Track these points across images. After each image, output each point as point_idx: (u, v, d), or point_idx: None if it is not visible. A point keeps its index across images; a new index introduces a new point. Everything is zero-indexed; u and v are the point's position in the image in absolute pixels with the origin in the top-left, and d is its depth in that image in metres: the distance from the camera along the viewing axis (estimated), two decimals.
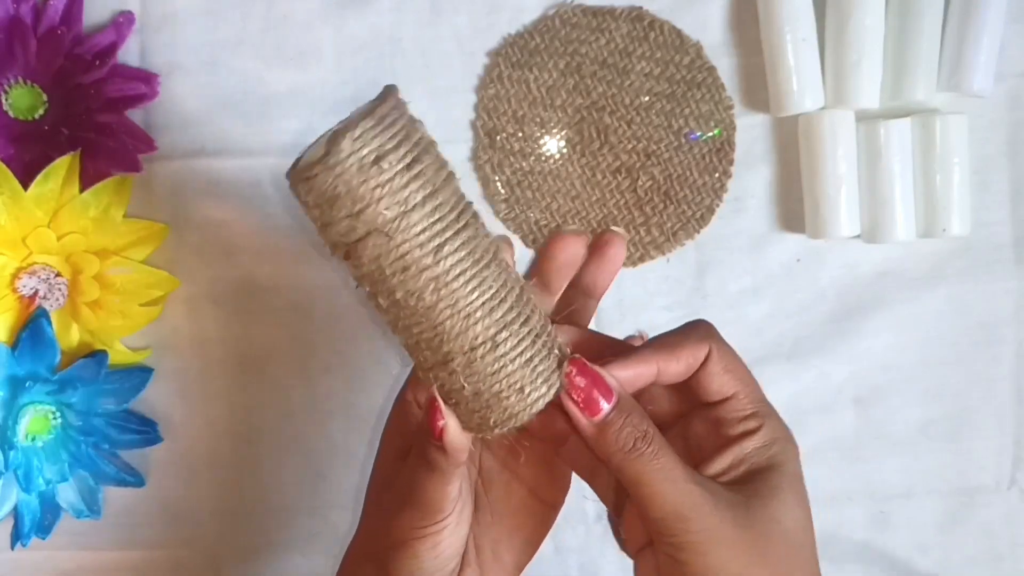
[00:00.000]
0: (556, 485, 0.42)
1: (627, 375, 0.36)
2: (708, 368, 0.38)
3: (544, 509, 0.42)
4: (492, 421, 0.35)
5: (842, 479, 0.56)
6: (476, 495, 0.41)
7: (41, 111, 0.55)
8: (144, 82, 0.55)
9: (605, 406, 0.35)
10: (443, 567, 0.38)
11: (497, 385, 0.34)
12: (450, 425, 0.35)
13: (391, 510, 0.38)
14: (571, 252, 0.52)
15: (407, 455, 0.39)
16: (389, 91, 0.32)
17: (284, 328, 0.56)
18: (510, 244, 0.41)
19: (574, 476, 0.42)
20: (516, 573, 0.41)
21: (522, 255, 0.55)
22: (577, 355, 0.36)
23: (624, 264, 0.56)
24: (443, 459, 0.35)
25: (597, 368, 0.36)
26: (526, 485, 0.41)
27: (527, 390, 0.35)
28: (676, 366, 0.37)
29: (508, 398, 0.35)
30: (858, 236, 0.54)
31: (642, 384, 0.37)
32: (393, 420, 0.41)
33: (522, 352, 0.34)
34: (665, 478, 0.34)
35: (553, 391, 0.35)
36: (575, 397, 0.35)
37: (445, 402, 0.35)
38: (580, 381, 0.35)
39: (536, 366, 0.35)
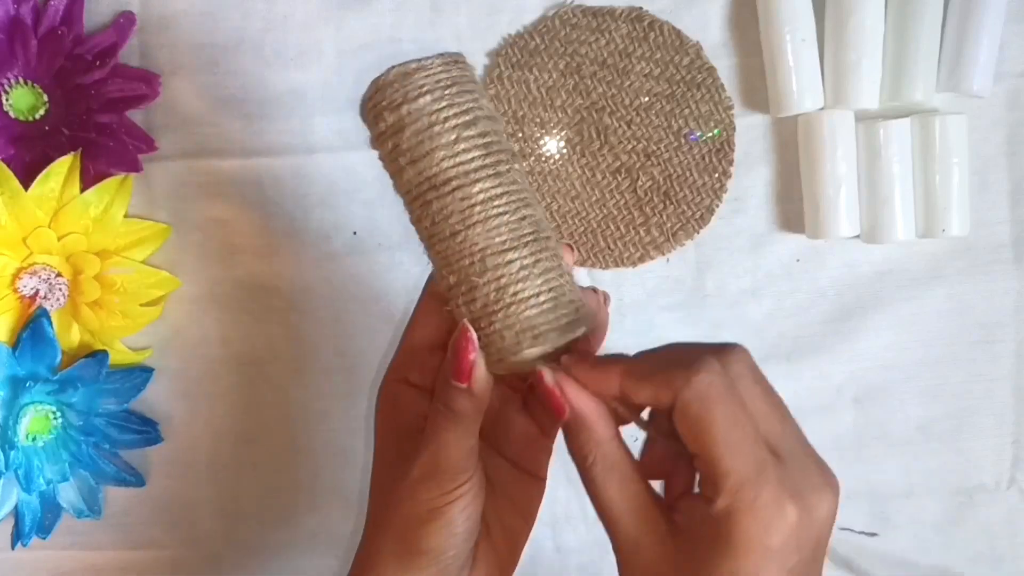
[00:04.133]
0: (536, 458, 0.42)
1: (575, 394, 0.35)
2: (674, 416, 0.33)
3: (532, 481, 0.42)
4: (511, 344, 0.36)
5: (842, 479, 0.56)
6: None
7: (41, 111, 0.55)
8: (144, 82, 0.55)
9: (565, 412, 0.35)
10: (471, 532, 0.38)
11: (520, 306, 0.36)
12: (479, 361, 0.35)
13: (414, 484, 0.37)
14: None
15: (406, 436, 0.39)
16: (458, 57, 0.37)
17: (284, 328, 0.57)
18: (571, 250, 0.41)
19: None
20: (521, 545, 0.42)
21: None
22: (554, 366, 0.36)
23: (624, 264, 0.56)
24: (468, 402, 0.36)
25: (553, 386, 0.35)
26: (509, 460, 0.42)
27: (545, 320, 0.36)
28: (640, 395, 0.34)
29: (527, 319, 0.36)
30: (858, 236, 0.54)
31: (605, 395, 0.36)
32: (386, 404, 0.41)
33: (545, 282, 0.36)
34: (605, 502, 0.35)
35: (567, 335, 0.36)
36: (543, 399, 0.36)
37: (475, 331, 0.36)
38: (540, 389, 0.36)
39: (556, 303, 0.36)
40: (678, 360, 0.33)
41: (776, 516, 0.31)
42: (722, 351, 0.34)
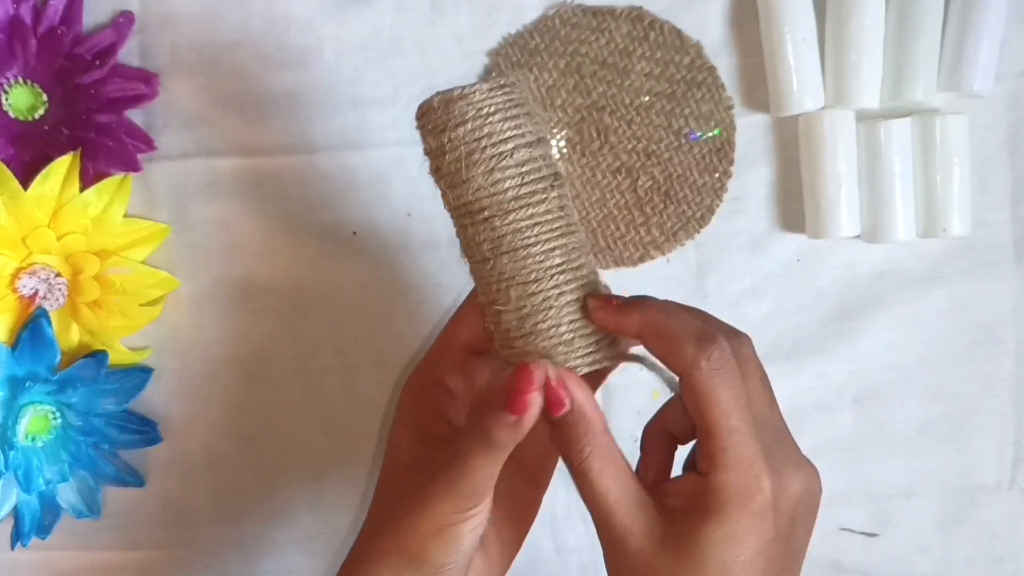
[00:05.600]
0: (541, 466, 0.42)
1: (576, 388, 0.36)
2: (683, 385, 0.35)
3: (531, 490, 0.42)
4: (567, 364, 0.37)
5: (842, 479, 0.56)
6: None
7: (41, 111, 0.55)
8: (144, 82, 0.55)
9: (565, 406, 0.36)
10: (471, 550, 0.38)
11: (538, 336, 0.37)
12: (536, 400, 0.35)
13: (428, 498, 0.37)
14: None
15: (430, 439, 0.39)
16: (506, 80, 0.38)
17: (284, 328, 0.57)
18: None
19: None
20: (513, 554, 0.42)
21: None
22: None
23: (624, 264, 0.56)
24: (510, 436, 0.35)
25: (556, 381, 0.36)
26: (513, 466, 0.41)
27: (560, 352, 0.37)
28: (652, 349, 0.36)
29: (544, 350, 0.37)
30: (858, 236, 0.54)
31: (624, 335, 0.38)
32: (412, 404, 0.41)
33: (568, 315, 0.37)
34: (600, 492, 0.36)
35: (595, 361, 0.37)
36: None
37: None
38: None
39: (575, 337, 0.37)
40: (695, 331, 0.35)
41: (755, 488, 0.34)
42: (732, 333, 0.36)
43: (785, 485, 0.35)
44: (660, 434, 0.40)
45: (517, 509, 0.42)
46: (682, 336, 0.35)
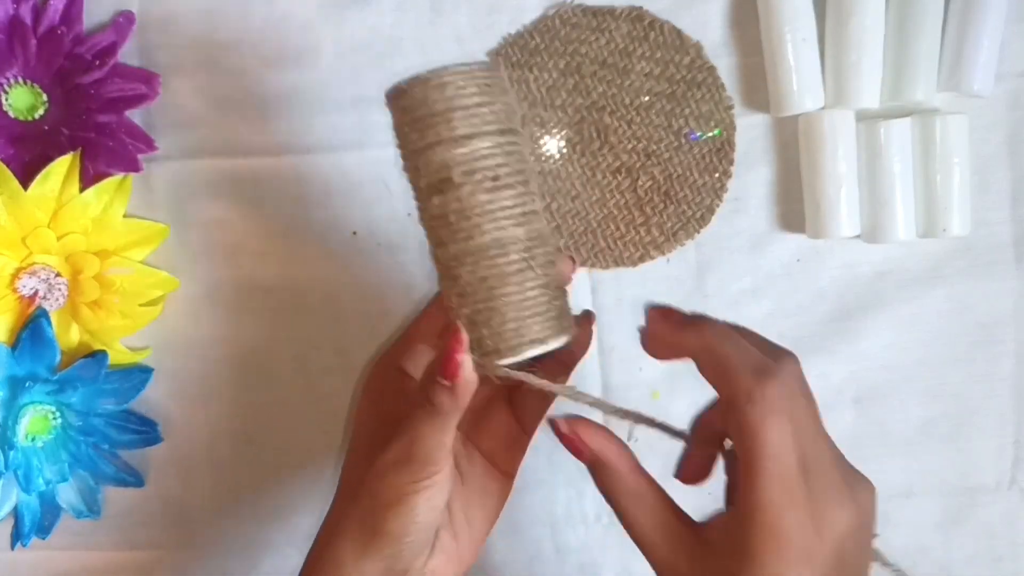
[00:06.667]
0: (512, 456, 0.44)
1: (591, 437, 0.38)
2: (729, 416, 0.35)
3: (502, 478, 0.44)
4: (507, 345, 0.37)
5: None
6: None
7: (41, 111, 0.55)
8: (144, 82, 0.55)
9: (584, 454, 0.38)
10: (432, 522, 0.39)
11: (517, 312, 0.37)
12: (466, 361, 0.36)
13: (385, 468, 0.38)
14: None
15: (388, 420, 0.40)
16: (493, 63, 0.38)
17: (284, 328, 0.57)
18: (572, 262, 0.42)
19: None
20: (482, 539, 0.43)
21: None
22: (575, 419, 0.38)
23: (624, 264, 0.56)
24: (449, 400, 0.36)
25: (570, 433, 0.38)
26: (485, 455, 0.43)
27: (535, 325, 0.37)
28: (704, 375, 0.36)
29: (523, 325, 0.37)
30: (858, 236, 0.54)
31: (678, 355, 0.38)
32: (373, 386, 0.42)
33: (543, 291, 0.37)
34: (638, 531, 0.37)
35: (552, 343, 0.37)
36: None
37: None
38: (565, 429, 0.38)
39: (550, 311, 0.37)
40: (752, 364, 0.35)
41: (796, 532, 0.33)
42: (781, 360, 0.36)
43: (830, 525, 0.34)
44: (708, 429, 0.41)
45: (484, 492, 0.43)
46: (739, 368, 0.35)
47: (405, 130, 0.38)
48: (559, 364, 0.41)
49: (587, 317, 0.42)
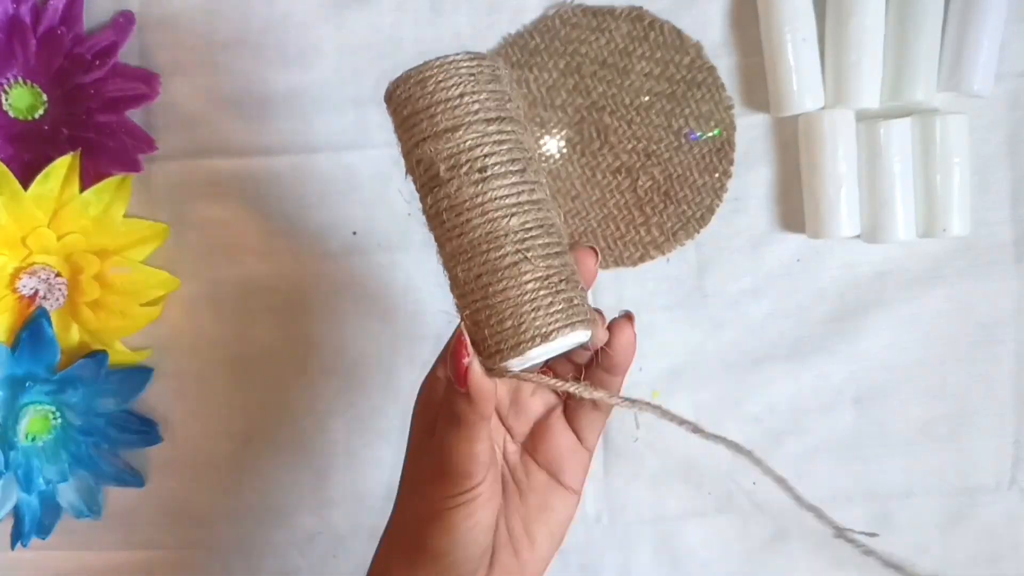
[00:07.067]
0: (573, 470, 0.42)
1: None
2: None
3: (566, 493, 0.42)
4: (507, 344, 0.35)
5: (842, 479, 0.56)
6: (503, 478, 0.41)
7: (41, 111, 0.55)
8: (144, 82, 0.55)
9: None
10: (478, 542, 0.38)
11: (514, 307, 0.35)
12: (474, 364, 0.35)
13: (423, 483, 0.38)
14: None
15: (433, 432, 0.39)
16: (485, 56, 0.37)
17: (284, 328, 0.56)
18: (595, 253, 0.40)
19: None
20: (549, 555, 0.42)
21: None
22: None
23: (624, 264, 0.56)
24: (468, 408, 0.35)
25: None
26: (546, 469, 0.42)
27: (537, 320, 0.36)
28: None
29: (523, 321, 0.36)
30: (858, 236, 0.54)
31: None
32: (422, 398, 0.41)
33: (543, 284, 0.36)
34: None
35: (561, 339, 0.36)
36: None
37: (471, 337, 0.36)
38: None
39: (554, 304, 0.36)
40: None
41: None
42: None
43: None
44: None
45: (546, 508, 0.41)
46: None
47: (398, 132, 0.37)
48: (603, 371, 0.39)
49: (627, 318, 0.40)
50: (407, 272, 0.56)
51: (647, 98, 0.55)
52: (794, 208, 0.55)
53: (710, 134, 0.55)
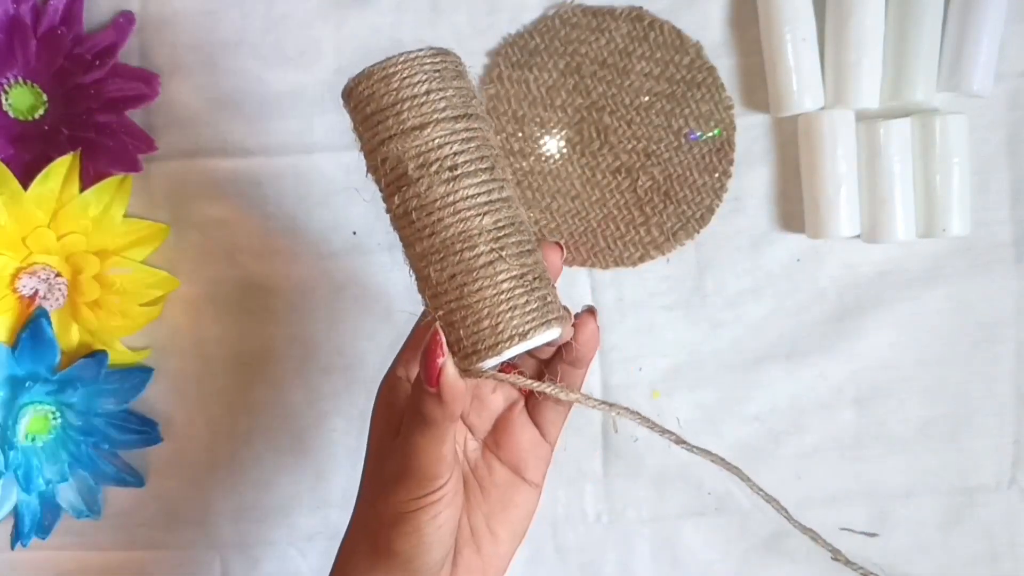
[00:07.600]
0: (535, 465, 0.42)
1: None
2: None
3: (527, 489, 0.42)
4: (485, 344, 0.35)
5: (842, 479, 0.56)
6: (464, 476, 0.41)
7: (41, 111, 0.55)
8: (144, 82, 0.55)
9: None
10: (443, 543, 0.37)
11: (491, 307, 0.35)
12: (448, 365, 0.35)
13: (387, 485, 0.37)
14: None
15: (399, 431, 0.39)
16: (446, 52, 0.37)
17: (284, 328, 0.57)
18: (559, 249, 0.40)
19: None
20: (511, 549, 0.42)
21: None
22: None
23: (624, 264, 0.56)
24: (438, 409, 0.35)
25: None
26: (507, 466, 0.42)
27: (514, 319, 0.35)
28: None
29: (500, 321, 0.35)
30: (858, 236, 0.54)
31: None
32: (383, 398, 0.41)
33: (518, 282, 0.36)
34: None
35: (537, 338, 0.36)
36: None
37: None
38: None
39: (529, 303, 0.36)
40: None
41: None
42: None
43: None
44: None
45: (509, 504, 0.42)
46: None
47: (360, 130, 0.36)
48: (566, 364, 0.39)
49: (589, 312, 0.40)
50: (407, 272, 0.56)
51: (647, 98, 0.55)
52: (794, 208, 0.55)
53: (710, 134, 0.55)
